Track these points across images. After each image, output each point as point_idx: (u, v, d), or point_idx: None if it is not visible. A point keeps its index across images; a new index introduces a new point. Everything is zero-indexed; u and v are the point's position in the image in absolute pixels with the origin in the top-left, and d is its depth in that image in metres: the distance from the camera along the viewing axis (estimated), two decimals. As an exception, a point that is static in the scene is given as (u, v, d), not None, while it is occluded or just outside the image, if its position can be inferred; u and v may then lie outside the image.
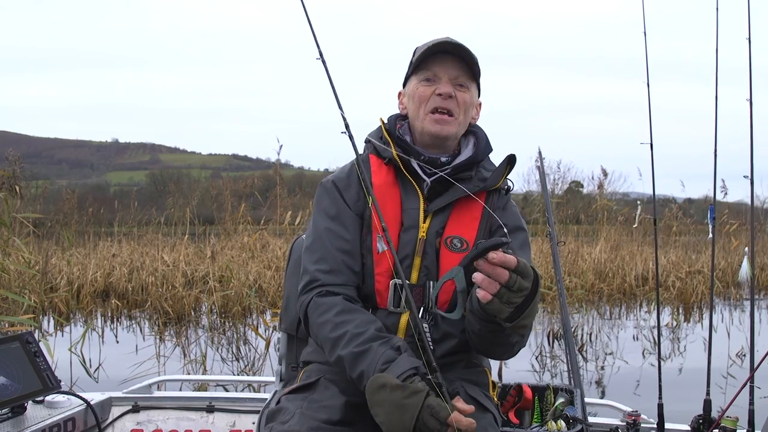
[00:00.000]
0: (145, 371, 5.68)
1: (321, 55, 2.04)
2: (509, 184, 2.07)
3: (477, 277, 1.53)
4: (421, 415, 1.57)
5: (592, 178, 14.68)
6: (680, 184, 13.36)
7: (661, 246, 12.70)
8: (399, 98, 2.12)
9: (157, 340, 7.19)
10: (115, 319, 8.68)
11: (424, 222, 1.95)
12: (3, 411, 2.31)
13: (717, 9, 3.10)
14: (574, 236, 12.61)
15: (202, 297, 8.72)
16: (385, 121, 2.09)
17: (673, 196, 14.80)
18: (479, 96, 2.06)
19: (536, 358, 6.71)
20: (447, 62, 1.94)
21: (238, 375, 5.99)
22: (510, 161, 2.04)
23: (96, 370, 6.08)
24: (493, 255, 1.50)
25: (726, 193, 12.31)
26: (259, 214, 11.63)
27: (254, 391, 4.66)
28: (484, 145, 2.05)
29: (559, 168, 14.35)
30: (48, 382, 2.43)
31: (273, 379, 2.38)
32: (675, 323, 8.63)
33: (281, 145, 11.43)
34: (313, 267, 1.94)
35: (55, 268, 9.52)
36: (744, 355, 6.71)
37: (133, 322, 8.61)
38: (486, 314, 1.62)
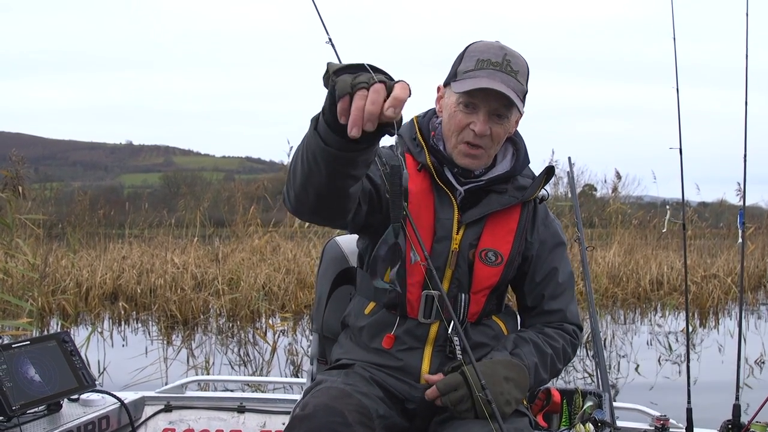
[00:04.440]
0: (147, 377, 5.61)
1: (330, 39, 2.00)
2: (544, 192, 2.05)
3: None
4: (361, 72, 1.33)
5: (605, 181, 14.50)
6: (695, 187, 13.12)
7: (675, 250, 12.54)
8: (438, 92, 1.99)
9: (165, 344, 7.12)
10: (122, 322, 8.63)
11: (458, 233, 1.91)
12: (39, 408, 2.36)
13: (747, 15, 3.01)
14: (588, 240, 12.43)
15: (211, 300, 8.65)
16: (419, 121, 2.01)
17: (688, 199, 14.62)
18: (524, 106, 1.92)
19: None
20: (490, 95, 1.81)
21: (267, 377, 5.95)
22: (548, 173, 2.01)
23: (101, 374, 6.01)
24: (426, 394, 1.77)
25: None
26: (271, 217, 11.58)
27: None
28: (523, 159, 2.01)
29: (566, 172, 14.16)
30: (83, 381, 2.49)
31: (304, 380, 2.42)
32: (690, 328, 8.48)
33: (291, 147, 11.31)
34: None
35: (65, 270, 9.49)
36: (763, 362, 6.56)
37: (141, 325, 8.55)
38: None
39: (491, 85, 1.79)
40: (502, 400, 1.72)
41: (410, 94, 1.30)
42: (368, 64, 1.34)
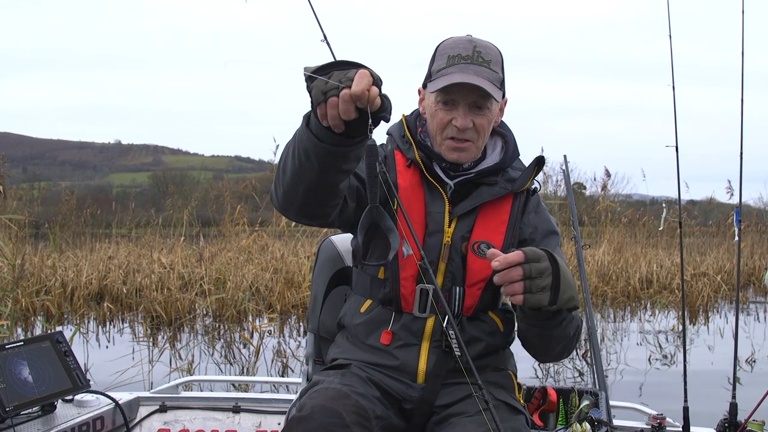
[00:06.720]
0: (129, 378, 5.53)
1: (325, 37, 1.94)
2: (536, 184, 2.05)
3: (504, 290, 1.62)
4: (334, 71, 1.43)
5: (594, 179, 14.57)
6: (684, 185, 13.15)
7: (665, 248, 12.55)
8: (419, 95, 2.03)
9: (150, 345, 7.03)
10: (107, 323, 8.53)
11: (449, 226, 1.92)
12: (33, 409, 2.37)
13: (743, 12, 2.98)
14: (577, 238, 12.42)
15: (197, 300, 8.56)
16: (406, 118, 2.05)
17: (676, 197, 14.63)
18: (504, 95, 1.95)
19: (538, 363, 6.55)
20: (465, 88, 1.84)
21: (260, 376, 5.90)
22: (539, 163, 2.01)
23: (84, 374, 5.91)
24: (495, 263, 1.58)
25: (732, 195, 12.23)
26: (258, 216, 11.52)
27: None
28: (512, 151, 2.02)
29: (561, 170, 14.15)
30: (78, 381, 2.49)
31: (299, 380, 2.39)
32: (681, 327, 8.48)
33: (278, 145, 11.25)
34: None
35: (49, 270, 9.39)
36: (754, 361, 6.55)
37: (126, 325, 8.46)
38: (532, 313, 1.68)
39: (464, 79, 1.81)
40: (567, 295, 1.65)
41: (371, 80, 1.39)
42: (340, 60, 1.45)
